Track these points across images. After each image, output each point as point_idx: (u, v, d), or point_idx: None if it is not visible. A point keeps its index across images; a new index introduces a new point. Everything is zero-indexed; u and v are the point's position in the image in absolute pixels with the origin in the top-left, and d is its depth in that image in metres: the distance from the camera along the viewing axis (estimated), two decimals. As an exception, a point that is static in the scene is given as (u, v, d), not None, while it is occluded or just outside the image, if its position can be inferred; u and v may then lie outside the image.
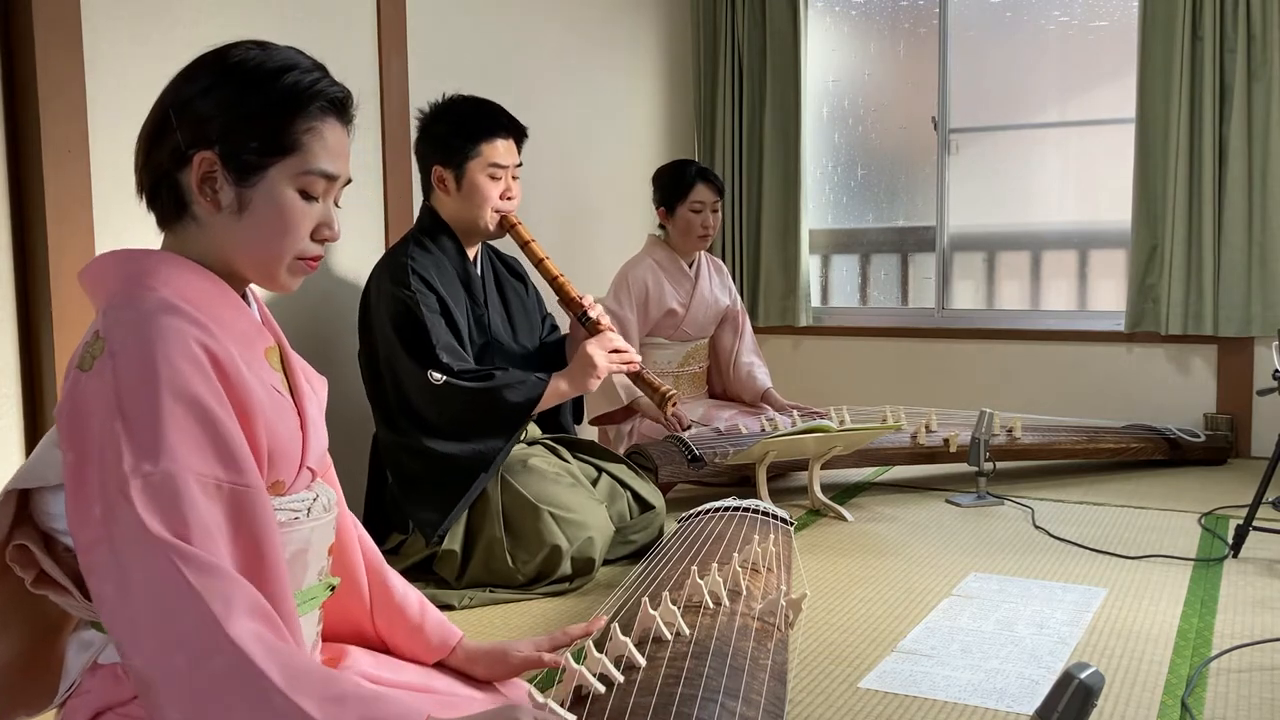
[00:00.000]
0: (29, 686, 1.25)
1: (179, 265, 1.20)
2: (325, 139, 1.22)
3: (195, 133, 1.19)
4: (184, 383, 1.09)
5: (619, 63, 4.24)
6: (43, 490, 1.18)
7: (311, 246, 1.25)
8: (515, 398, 2.49)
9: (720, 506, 2.35)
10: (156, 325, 1.11)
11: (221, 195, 1.19)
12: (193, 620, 1.01)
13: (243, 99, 1.19)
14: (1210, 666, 1.98)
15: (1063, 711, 1.26)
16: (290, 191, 1.21)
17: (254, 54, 1.22)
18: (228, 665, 1.00)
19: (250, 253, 1.22)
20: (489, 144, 2.60)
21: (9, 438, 2.20)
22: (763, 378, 3.80)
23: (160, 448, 1.06)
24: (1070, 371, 4.25)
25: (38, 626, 1.26)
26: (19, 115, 2.18)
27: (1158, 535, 2.88)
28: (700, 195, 3.58)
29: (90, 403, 1.09)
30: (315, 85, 1.21)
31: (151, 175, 1.22)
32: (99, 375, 1.09)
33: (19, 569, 1.19)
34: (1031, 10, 4.35)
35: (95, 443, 1.07)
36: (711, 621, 1.59)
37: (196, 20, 2.50)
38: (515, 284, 2.85)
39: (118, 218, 2.34)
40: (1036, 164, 4.44)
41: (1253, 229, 3.86)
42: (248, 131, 1.18)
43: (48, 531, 1.19)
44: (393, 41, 3.02)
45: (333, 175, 1.24)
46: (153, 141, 1.22)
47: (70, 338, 2.22)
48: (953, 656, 2.04)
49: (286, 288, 1.26)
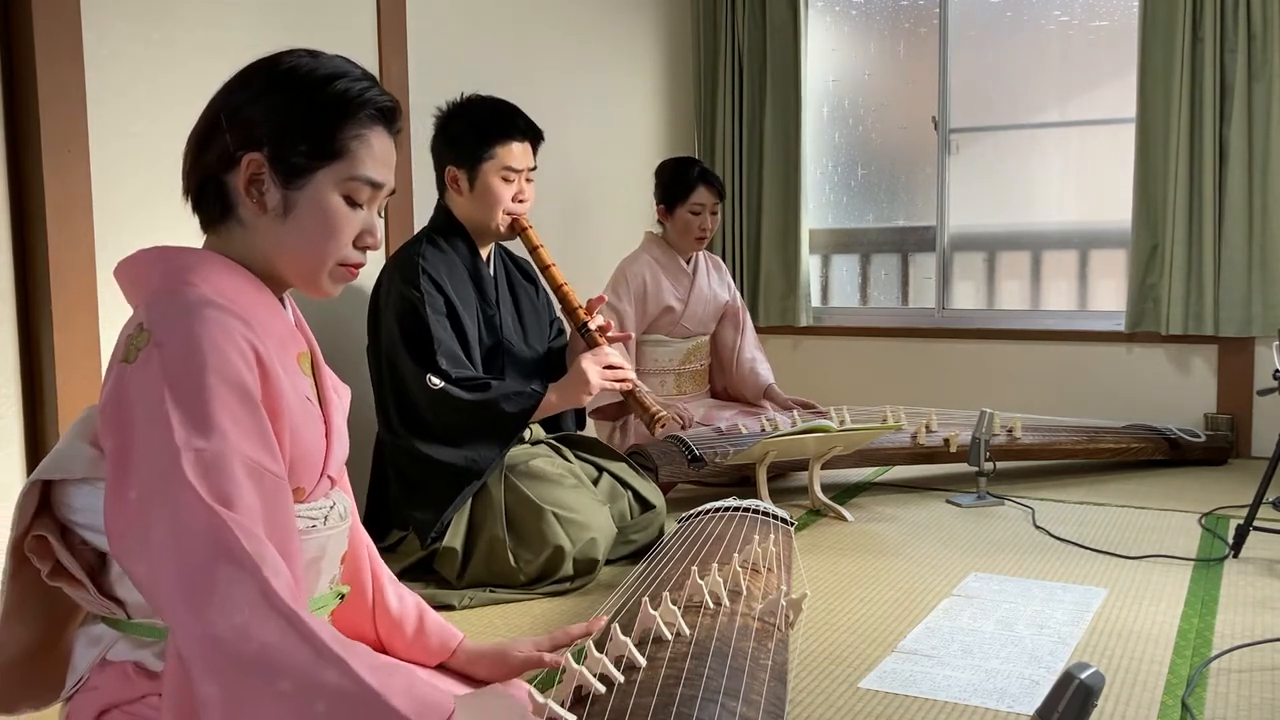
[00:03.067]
0: (37, 678, 1.26)
1: (220, 264, 1.21)
2: (372, 147, 1.24)
3: (245, 135, 1.20)
4: (231, 369, 1.11)
5: (619, 63, 4.24)
6: (65, 483, 1.19)
7: (354, 253, 1.26)
8: (510, 408, 2.49)
9: (720, 506, 2.35)
10: (202, 316, 1.13)
11: (268, 197, 1.21)
12: (246, 585, 1.01)
13: (293, 104, 1.21)
14: (1210, 666, 1.98)
15: (1063, 711, 1.26)
16: (336, 197, 1.22)
17: (305, 61, 1.23)
18: (280, 630, 1.01)
19: (293, 256, 1.23)
20: (504, 147, 2.59)
21: (9, 438, 2.20)
22: (765, 373, 3.79)
23: (211, 427, 1.07)
24: (1070, 371, 4.25)
25: (49, 618, 1.26)
26: (19, 115, 2.18)
27: (1158, 535, 2.88)
28: (701, 198, 3.58)
29: (136, 392, 1.09)
30: (365, 93, 1.23)
31: (199, 177, 1.23)
32: (144, 365, 1.10)
33: (36, 560, 1.20)
34: (1031, 10, 4.35)
35: (141, 428, 1.08)
36: (712, 622, 1.59)
37: (197, 20, 2.50)
38: (527, 286, 2.85)
39: (117, 217, 2.34)
40: (1036, 164, 4.44)
41: (1253, 229, 3.86)
42: (297, 135, 1.20)
43: (66, 524, 1.20)
44: (393, 41, 3.02)
45: (378, 183, 1.25)
46: (202, 144, 1.24)
47: (70, 338, 2.22)
48: (953, 657, 2.04)
49: (327, 293, 1.27)
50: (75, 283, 2.23)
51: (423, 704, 1.03)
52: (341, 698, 1.00)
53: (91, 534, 1.19)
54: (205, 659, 1.00)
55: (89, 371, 2.26)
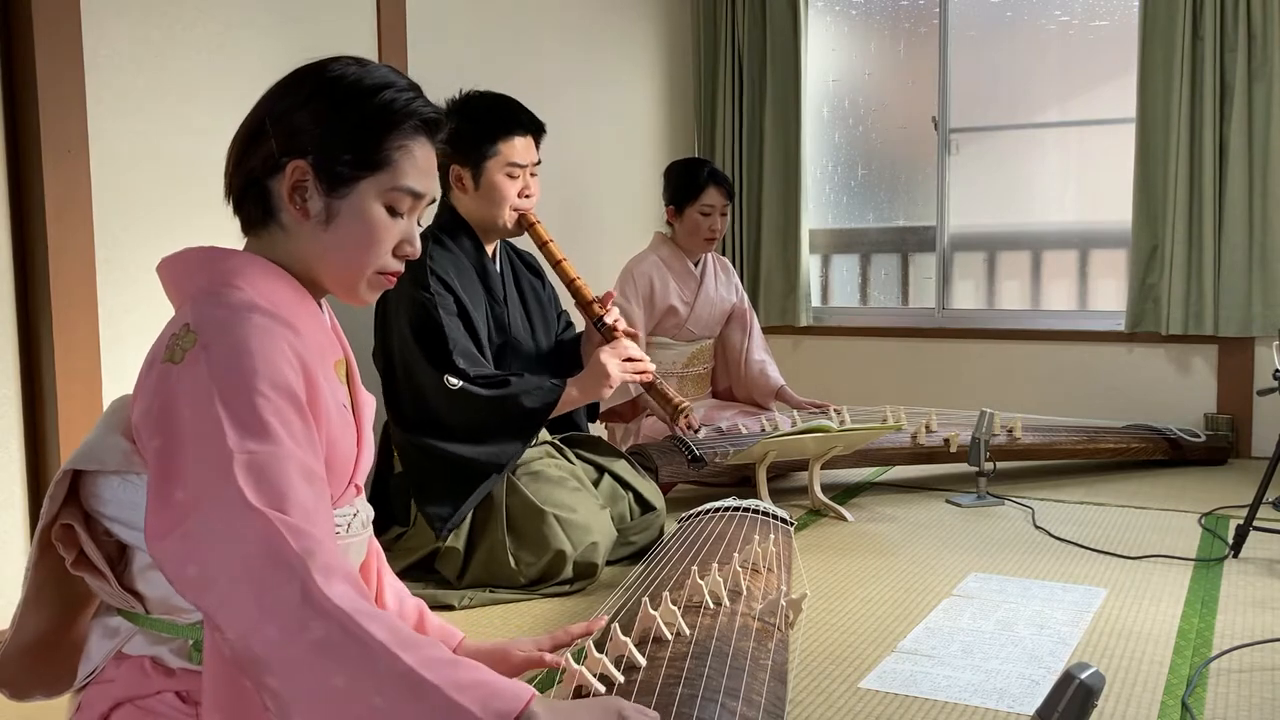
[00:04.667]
0: (51, 667, 1.26)
1: (265, 268, 1.22)
2: (415, 157, 1.24)
3: (291, 141, 1.20)
4: (279, 375, 1.11)
5: (619, 63, 4.24)
6: (95, 473, 1.19)
7: (392, 262, 1.27)
8: (531, 404, 2.48)
9: (720, 506, 2.35)
10: (249, 320, 1.13)
11: (311, 204, 1.21)
12: (294, 586, 1.01)
13: (339, 112, 1.21)
14: (1210, 666, 1.98)
15: (1063, 711, 1.26)
16: (378, 206, 1.23)
17: (352, 69, 1.23)
18: (327, 630, 1.00)
19: (333, 263, 1.24)
20: (507, 143, 2.57)
21: (9, 438, 2.20)
22: (775, 375, 3.77)
23: (264, 431, 1.08)
24: (1070, 371, 4.25)
25: (65, 607, 1.27)
26: (19, 115, 2.18)
27: (1158, 535, 2.88)
28: (711, 199, 3.56)
29: (183, 394, 1.09)
30: (410, 104, 1.23)
31: (241, 180, 1.25)
32: (191, 366, 1.10)
33: (62, 548, 1.21)
34: (1031, 10, 4.35)
35: (190, 429, 1.08)
36: (712, 622, 1.59)
37: (196, 20, 2.49)
38: (533, 280, 2.84)
39: (117, 217, 2.34)
40: (1037, 164, 4.44)
41: (1253, 229, 3.86)
42: (342, 144, 1.20)
43: (91, 514, 1.20)
44: (393, 41, 3.02)
45: (420, 194, 1.26)
46: (246, 147, 1.24)
47: (70, 338, 2.22)
48: (953, 657, 2.04)
49: (364, 300, 1.29)
50: (75, 283, 2.23)
51: (493, 696, 1.00)
52: (399, 692, 0.98)
53: (118, 526, 1.20)
54: (262, 657, 1.00)
55: (89, 371, 2.27)
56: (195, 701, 1.19)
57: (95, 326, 2.28)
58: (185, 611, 1.20)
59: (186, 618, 1.20)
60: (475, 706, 0.98)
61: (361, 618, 1.01)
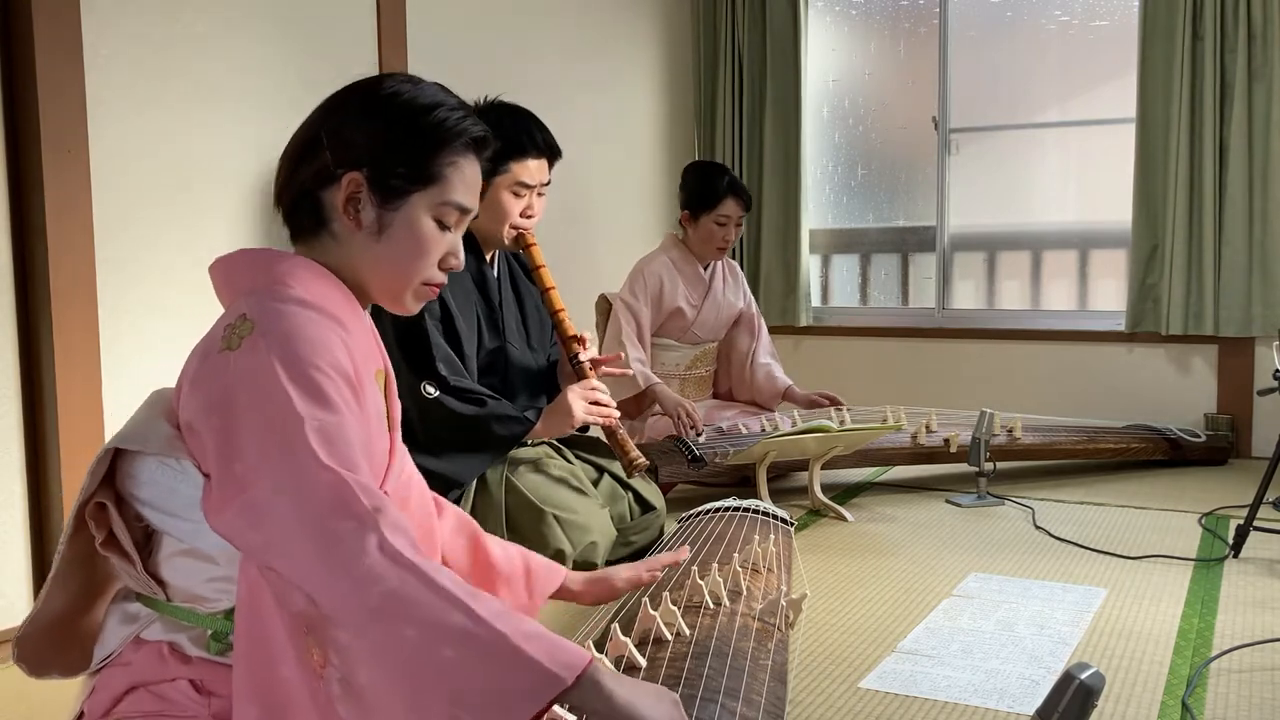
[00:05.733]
0: (69, 647, 1.29)
1: (317, 271, 1.26)
2: (464, 174, 1.30)
3: (346, 155, 1.25)
4: (334, 357, 1.16)
5: (619, 62, 4.24)
6: (134, 455, 1.22)
7: (438, 273, 1.32)
8: (501, 431, 2.48)
9: (720, 506, 2.35)
10: (305, 314, 1.18)
11: (364, 215, 1.26)
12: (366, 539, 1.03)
13: (394, 128, 1.26)
14: (1211, 667, 1.98)
15: (1063, 712, 1.26)
16: (428, 219, 1.28)
17: (406, 87, 1.30)
18: (401, 578, 1.02)
19: (382, 273, 1.29)
20: (520, 163, 2.53)
21: (9, 438, 2.20)
22: (781, 376, 3.75)
23: (328, 402, 1.12)
24: (1070, 371, 4.25)
25: (87, 588, 1.30)
26: (19, 115, 2.18)
27: (1158, 535, 2.88)
28: (728, 209, 3.52)
29: (244, 375, 1.12)
30: (460, 123, 1.30)
31: (294, 190, 1.29)
32: (251, 352, 1.13)
33: (93, 526, 1.24)
34: (1031, 10, 4.35)
35: (252, 404, 1.10)
36: (712, 622, 1.59)
37: (196, 19, 2.49)
38: (530, 288, 2.84)
39: (117, 217, 2.34)
40: (1037, 164, 4.44)
41: (1253, 229, 3.86)
42: (396, 158, 1.25)
43: (125, 496, 1.23)
44: (393, 41, 3.02)
45: (468, 209, 1.32)
46: (300, 159, 1.29)
47: (70, 338, 2.22)
48: (953, 657, 2.04)
49: (409, 310, 1.33)
50: (75, 283, 2.23)
51: (557, 649, 1.01)
52: (469, 643, 1.00)
53: (150, 510, 1.22)
54: (333, 608, 1.01)
55: (89, 371, 2.27)
56: (209, 691, 1.20)
57: (95, 326, 2.28)
58: (207, 601, 1.22)
59: (207, 607, 1.22)
60: (543, 657, 0.99)
61: (431, 570, 1.03)
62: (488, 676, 0.98)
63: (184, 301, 2.48)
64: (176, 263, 2.46)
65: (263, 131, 2.63)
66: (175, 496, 1.19)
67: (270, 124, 2.65)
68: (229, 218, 2.59)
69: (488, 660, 0.99)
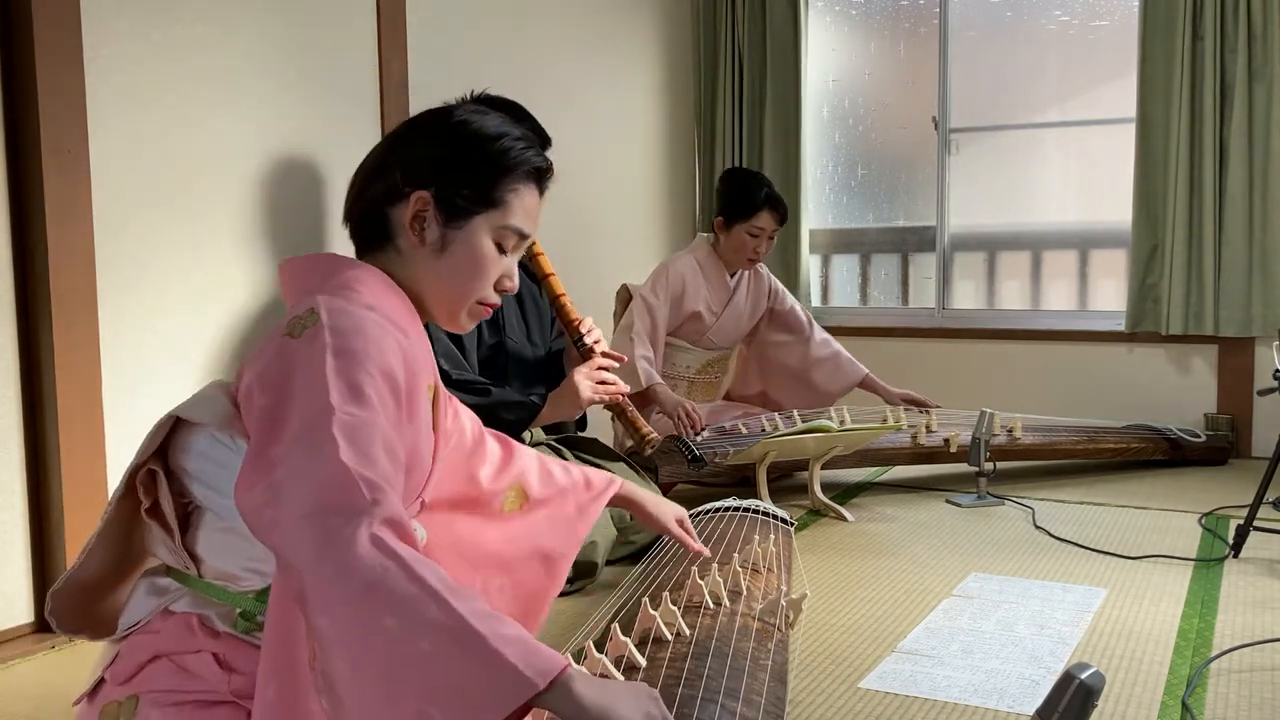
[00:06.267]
0: (99, 610, 1.35)
1: (383, 281, 1.32)
2: (525, 200, 1.37)
3: (415, 174, 1.33)
4: (386, 362, 1.20)
5: (619, 62, 4.24)
6: (191, 428, 1.27)
7: (492, 294, 1.39)
8: (508, 417, 2.49)
9: (720, 506, 2.35)
10: (371, 316, 1.22)
11: (428, 232, 1.33)
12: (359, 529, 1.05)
13: (463, 152, 1.34)
14: (1211, 667, 1.98)
15: (1063, 712, 1.26)
16: (488, 241, 1.35)
17: (475, 117, 1.38)
18: (385, 569, 1.02)
19: (441, 289, 1.35)
20: None
21: (9, 438, 2.20)
22: (857, 364, 3.71)
23: (364, 401, 1.15)
24: (1070, 371, 4.25)
25: (123, 555, 1.35)
26: (19, 115, 2.18)
27: (1158, 535, 2.88)
28: (763, 222, 3.48)
29: (299, 363, 1.17)
30: (524, 153, 1.37)
31: (364, 206, 1.36)
32: (310, 341, 1.17)
33: (142, 492, 1.29)
34: (1031, 10, 4.35)
35: (298, 392, 1.14)
36: (712, 622, 1.59)
37: (196, 20, 2.49)
38: (531, 285, 2.84)
39: (117, 217, 2.34)
40: (1037, 164, 4.44)
41: (1253, 229, 3.86)
42: (463, 180, 1.33)
43: (174, 469, 1.28)
44: (393, 41, 3.02)
45: (525, 234, 1.39)
46: (371, 177, 1.36)
47: (70, 337, 2.22)
48: (953, 657, 2.04)
49: (463, 327, 1.40)
50: (75, 283, 2.23)
51: (533, 653, 1.02)
52: (446, 638, 1.00)
53: (196, 485, 1.27)
54: (316, 593, 1.03)
55: (89, 371, 2.27)
56: (231, 667, 1.23)
57: (95, 326, 2.28)
58: (239, 580, 1.26)
59: (238, 585, 1.26)
60: (517, 660, 1.00)
61: (416, 564, 1.04)
62: (462, 674, 0.99)
63: (184, 301, 2.48)
64: (176, 262, 2.47)
65: (263, 132, 2.63)
66: (224, 473, 1.24)
67: (270, 124, 2.65)
68: (229, 218, 2.59)
69: (463, 657, 0.99)
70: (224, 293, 2.58)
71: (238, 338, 2.61)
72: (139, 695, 1.23)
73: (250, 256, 2.64)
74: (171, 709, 1.21)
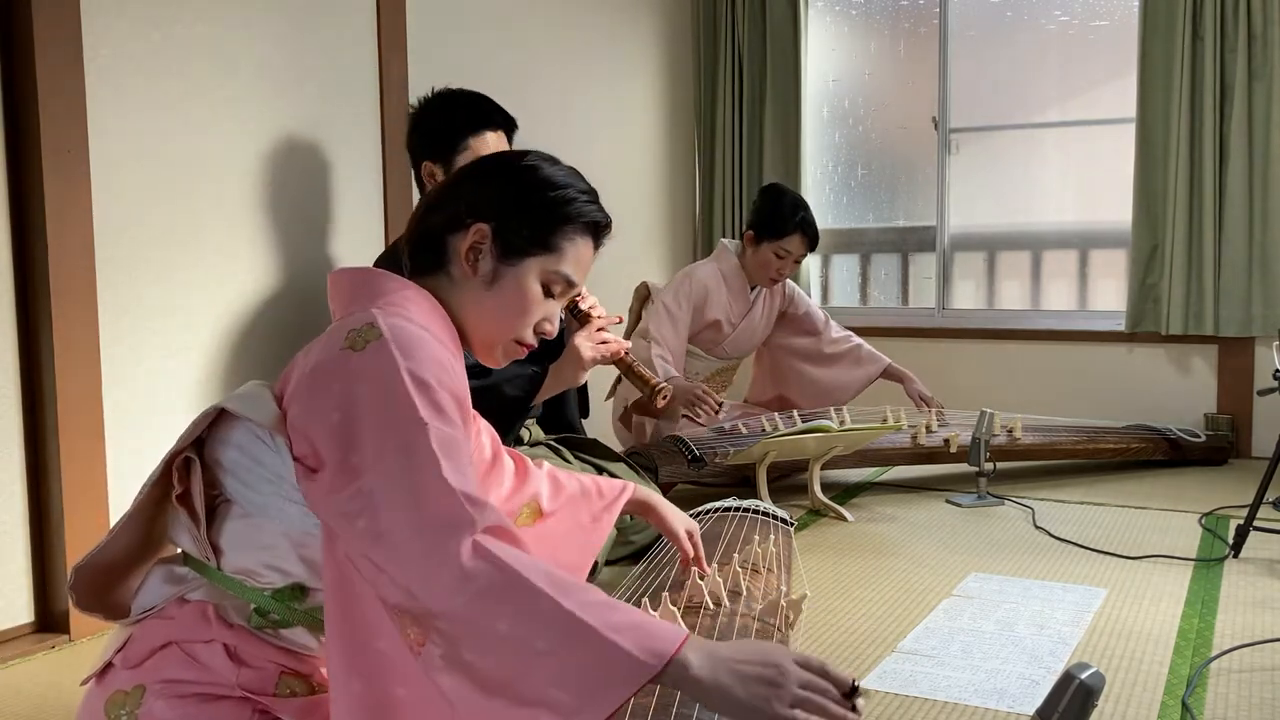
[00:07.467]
0: (115, 592, 1.38)
1: (432, 304, 1.36)
2: (580, 251, 1.42)
3: (478, 207, 1.37)
4: (448, 379, 1.24)
5: (619, 62, 4.24)
6: (231, 421, 1.30)
7: (530, 335, 1.42)
8: (513, 391, 2.48)
9: (720, 506, 2.35)
10: (425, 335, 1.27)
11: (482, 264, 1.37)
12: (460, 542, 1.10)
13: (527, 194, 1.39)
14: (1211, 667, 1.98)
15: (1063, 712, 1.26)
16: (536, 282, 1.39)
17: (545, 164, 1.43)
18: (491, 579, 1.08)
19: (484, 321, 1.39)
20: (477, 137, 2.54)
21: (8, 438, 2.20)
22: (879, 354, 3.72)
23: (448, 416, 1.20)
24: (1070, 371, 4.25)
25: (145, 539, 1.38)
26: (19, 115, 2.18)
27: (1158, 535, 2.88)
28: (792, 245, 3.47)
29: (368, 375, 1.20)
30: (586, 206, 1.42)
31: (424, 230, 1.40)
32: (376, 354, 1.21)
33: (176, 478, 1.32)
34: (1031, 10, 4.35)
35: (374, 403, 1.18)
36: (712, 622, 1.59)
37: (196, 20, 2.49)
38: None
39: (117, 217, 2.34)
40: (1036, 164, 4.44)
41: (1253, 229, 3.86)
42: (523, 220, 1.37)
43: (209, 461, 1.32)
44: (393, 41, 3.02)
45: (573, 283, 1.43)
46: (436, 204, 1.41)
47: (70, 337, 2.22)
48: (953, 657, 2.04)
49: (497, 362, 1.43)
50: (75, 283, 2.23)
51: (647, 635, 1.06)
52: (559, 635, 1.05)
53: (229, 478, 1.30)
54: (433, 607, 1.08)
55: (89, 371, 2.26)
56: (242, 661, 1.26)
57: (95, 326, 2.28)
58: (257, 576, 1.28)
59: (255, 580, 1.28)
60: (632, 647, 1.05)
61: (522, 566, 1.09)
62: (578, 666, 1.04)
63: (184, 301, 2.48)
64: (176, 262, 2.46)
65: (262, 131, 2.63)
66: (258, 469, 1.27)
67: (270, 124, 2.65)
68: (229, 218, 2.59)
69: (577, 650, 1.05)
70: (224, 292, 2.58)
71: (238, 338, 2.61)
72: (145, 686, 1.25)
73: (250, 256, 2.64)
74: (175, 700, 1.23)
